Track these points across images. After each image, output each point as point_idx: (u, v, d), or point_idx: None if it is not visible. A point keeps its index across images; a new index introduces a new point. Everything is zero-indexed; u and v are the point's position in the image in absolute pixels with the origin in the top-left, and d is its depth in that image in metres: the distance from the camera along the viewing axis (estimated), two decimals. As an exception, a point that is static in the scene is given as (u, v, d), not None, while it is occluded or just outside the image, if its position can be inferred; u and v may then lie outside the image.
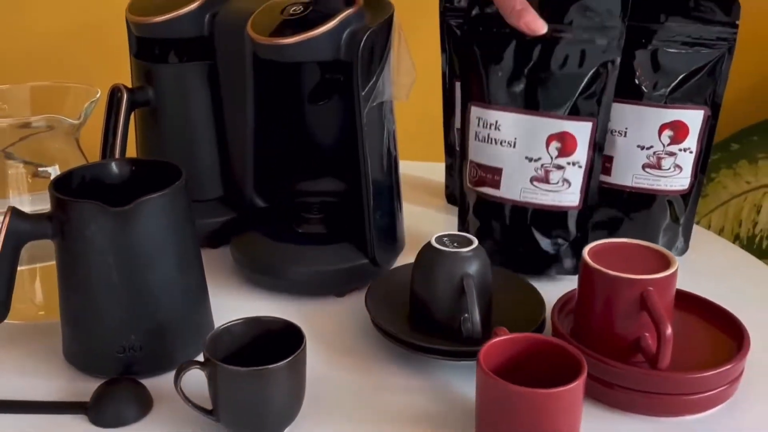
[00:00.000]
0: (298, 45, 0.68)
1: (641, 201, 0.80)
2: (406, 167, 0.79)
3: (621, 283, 0.58)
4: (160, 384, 0.61)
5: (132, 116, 0.80)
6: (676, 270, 0.59)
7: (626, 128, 0.78)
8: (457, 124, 0.94)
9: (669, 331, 0.55)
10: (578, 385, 0.51)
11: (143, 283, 0.61)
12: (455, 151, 0.96)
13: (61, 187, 0.61)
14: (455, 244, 0.65)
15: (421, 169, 1.05)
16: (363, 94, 0.70)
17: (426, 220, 0.92)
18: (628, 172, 0.80)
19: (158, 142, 0.84)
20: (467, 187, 0.81)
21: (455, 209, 0.96)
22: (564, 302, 0.66)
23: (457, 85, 0.93)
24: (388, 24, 0.71)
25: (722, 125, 0.80)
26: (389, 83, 0.72)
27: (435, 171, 1.03)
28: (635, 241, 0.63)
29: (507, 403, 0.51)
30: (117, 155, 0.77)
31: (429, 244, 0.66)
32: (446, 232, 0.67)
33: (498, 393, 0.51)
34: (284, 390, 0.54)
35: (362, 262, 0.74)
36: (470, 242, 0.65)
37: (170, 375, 0.57)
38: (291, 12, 0.71)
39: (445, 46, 0.93)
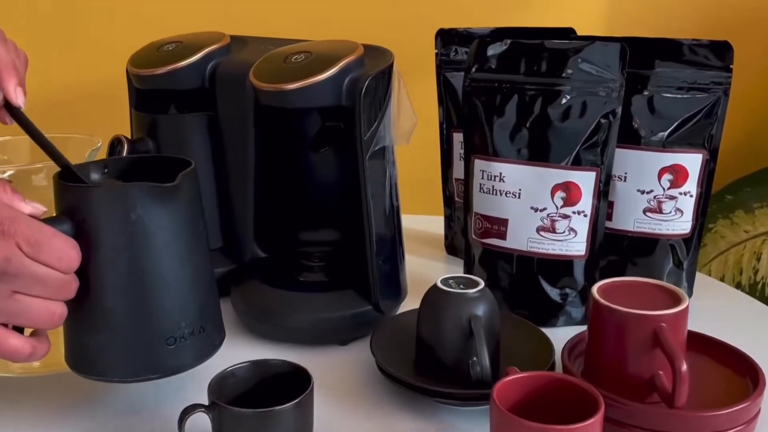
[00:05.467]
0: (301, 91, 0.69)
1: (643, 246, 0.80)
2: (404, 220, 0.79)
3: (633, 319, 0.57)
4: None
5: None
6: (688, 306, 0.58)
7: (626, 173, 0.79)
8: (456, 174, 0.95)
9: (684, 367, 0.54)
10: (596, 421, 0.49)
11: (191, 264, 0.57)
12: (454, 202, 0.96)
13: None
14: (461, 286, 0.65)
15: (420, 222, 1.05)
16: (365, 139, 0.70)
17: (427, 269, 0.92)
18: (630, 217, 0.80)
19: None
20: (472, 239, 0.80)
21: (456, 259, 0.97)
22: (574, 344, 0.65)
23: (455, 136, 0.94)
24: (388, 71, 0.72)
25: (715, 177, 0.81)
26: (390, 128, 0.73)
27: (434, 224, 1.03)
28: (644, 279, 0.63)
29: (523, 442, 0.49)
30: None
31: (435, 285, 0.65)
32: (452, 274, 0.66)
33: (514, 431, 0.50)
34: (292, 433, 0.53)
35: (365, 308, 0.73)
36: (476, 284, 0.65)
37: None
38: (293, 60, 0.72)
39: (442, 98, 0.94)
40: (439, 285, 0.65)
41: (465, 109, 0.80)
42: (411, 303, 0.76)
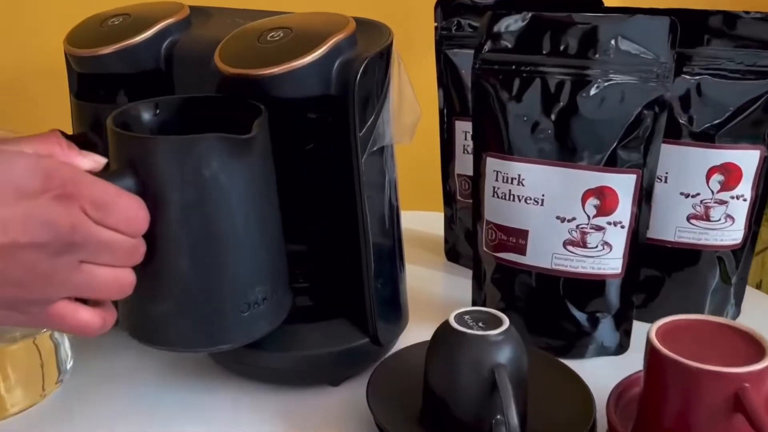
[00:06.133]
0: (279, 78, 0.55)
1: (685, 258, 0.68)
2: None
3: (708, 378, 0.45)
4: None
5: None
6: (775, 357, 0.46)
7: (667, 173, 0.66)
8: (458, 170, 0.82)
9: (777, 441, 0.42)
10: None
11: (265, 223, 0.53)
12: (456, 202, 0.83)
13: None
14: (480, 324, 0.52)
15: (416, 220, 0.92)
16: (360, 135, 0.57)
17: (425, 281, 0.79)
18: (670, 225, 0.67)
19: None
20: (483, 251, 0.68)
21: (458, 267, 0.84)
22: (619, 394, 0.53)
23: (458, 125, 0.81)
24: (387, 52, 0.58)
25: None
26: (389, 123, 0.59)
27: (431, 222, 0.91)
28: (713, 319, 0.50)
29: None
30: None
31: (447, 324, 0.52)
32: (467, 308, 0.54)
33: None
34: None
35: (361, 341, 0.61)
36: (499, 322, 0.52)
37: None
38: (269, 38, 0.58)
39: (442, 79, 0.81)
40: (453, 323, 0.52)
41: (474, 97, 0.67)
42: (413, 327, 0.65)
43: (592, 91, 0.61)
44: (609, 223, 0.62)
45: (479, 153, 0.67)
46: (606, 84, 0.61)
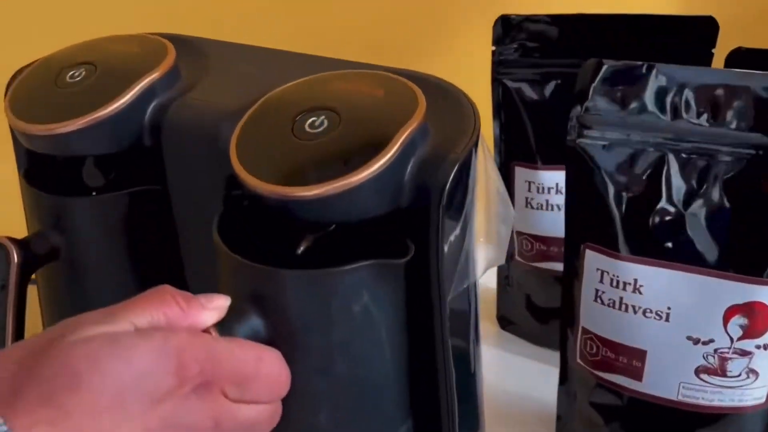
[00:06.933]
0: (331, 199, 0.38)
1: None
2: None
3: None
4: None
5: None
6: None
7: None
8: (518, 226, 0.66)
9: None
10: None
11: (407, 348, 0.42)
12: (512, 260, 0.68)
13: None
14: None
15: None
16: (445, 256, 0.40)
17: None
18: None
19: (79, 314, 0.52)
20: (578, 364, 0.53)
21: (513, 340, 0.70)
22: None
23: (518, 171, 0.65)
24: (473, 145, 0.41)
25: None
26: (474, 241, 0.43)
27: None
28: None
29: None
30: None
31: None
32: None
33: None
34: None
35: None
36: None
37: None
38: (308, 128, 0.40)
39: (499, 113, 0.64)
40: None
41: (570, 169, 0.50)
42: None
43: (742, 173, 0.45)
44: (758, 347, 0.47)
45: (576, 244, 0.51)
46: (762, 163, 0.45)
